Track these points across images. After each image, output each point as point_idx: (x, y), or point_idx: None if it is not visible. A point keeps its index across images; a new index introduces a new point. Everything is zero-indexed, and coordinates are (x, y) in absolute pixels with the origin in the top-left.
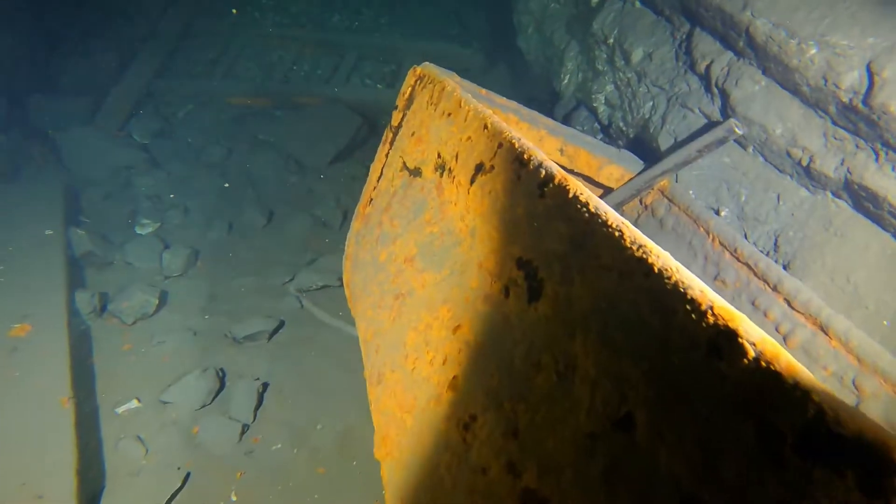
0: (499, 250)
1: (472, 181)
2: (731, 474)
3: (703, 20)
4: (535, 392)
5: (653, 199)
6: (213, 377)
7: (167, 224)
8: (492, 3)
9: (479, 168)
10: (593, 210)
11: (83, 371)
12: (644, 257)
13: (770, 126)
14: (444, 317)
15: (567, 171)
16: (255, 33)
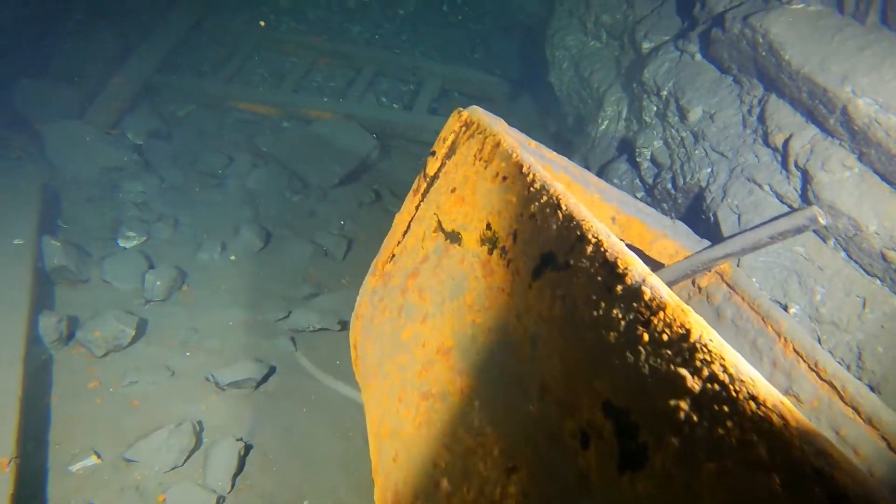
0: (575, 378)
1: (535, 275)
2: None
3: (784, 87)
4: None
5: (709, 282)
6: (189, 433)
7: (154, 238)
8: (521, 30)
9: (548, 260)
10: (743, 381)
11: (36, 415)
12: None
13: (862, 221)
14: (490, 446)
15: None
16: (268, 36)
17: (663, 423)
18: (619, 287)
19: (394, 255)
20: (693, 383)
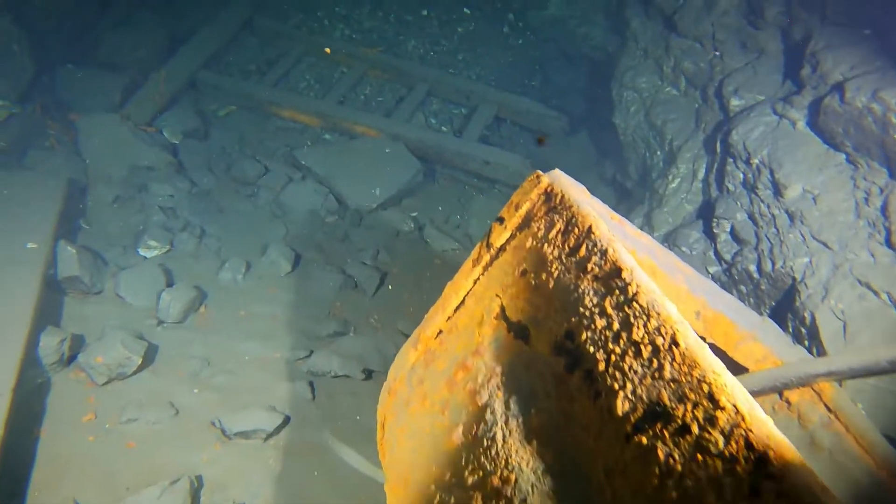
0: None
1: (638, 428)
2: None
3: None
4: None
5: (801, 398)
6: (184, 493)
7: (176, 250)
8: (584, 62)
9: (657, 414)
10: None
11: (20, 451)
12: None
13: None
14: None
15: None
16: (320, 42)
17: None
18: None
19: (441, 332)
20: None
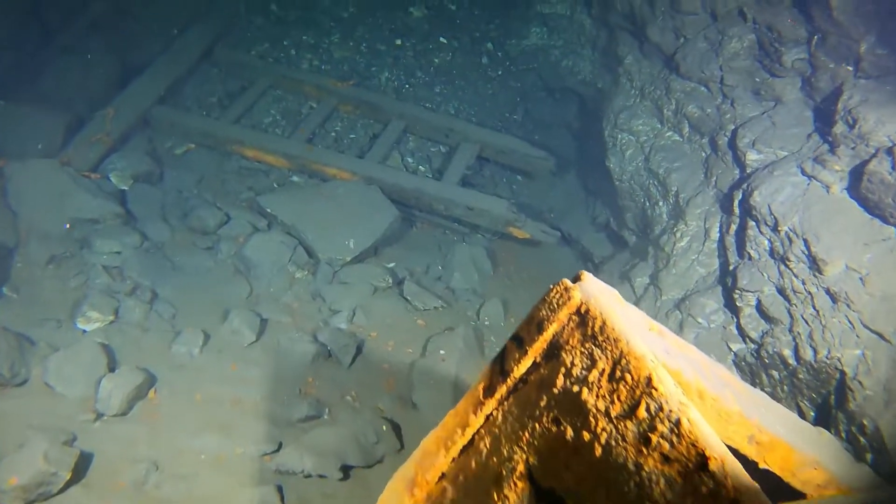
0: None
1: None
2: None
3: None
4: None
5: None
6: None
7: (122, 320)
8: (570, 95)
9: None
10: None
11: None
12: None
13: None
14: None
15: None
16: (286, 75)
17: None
18: None
19: (444, 475)
20: None
